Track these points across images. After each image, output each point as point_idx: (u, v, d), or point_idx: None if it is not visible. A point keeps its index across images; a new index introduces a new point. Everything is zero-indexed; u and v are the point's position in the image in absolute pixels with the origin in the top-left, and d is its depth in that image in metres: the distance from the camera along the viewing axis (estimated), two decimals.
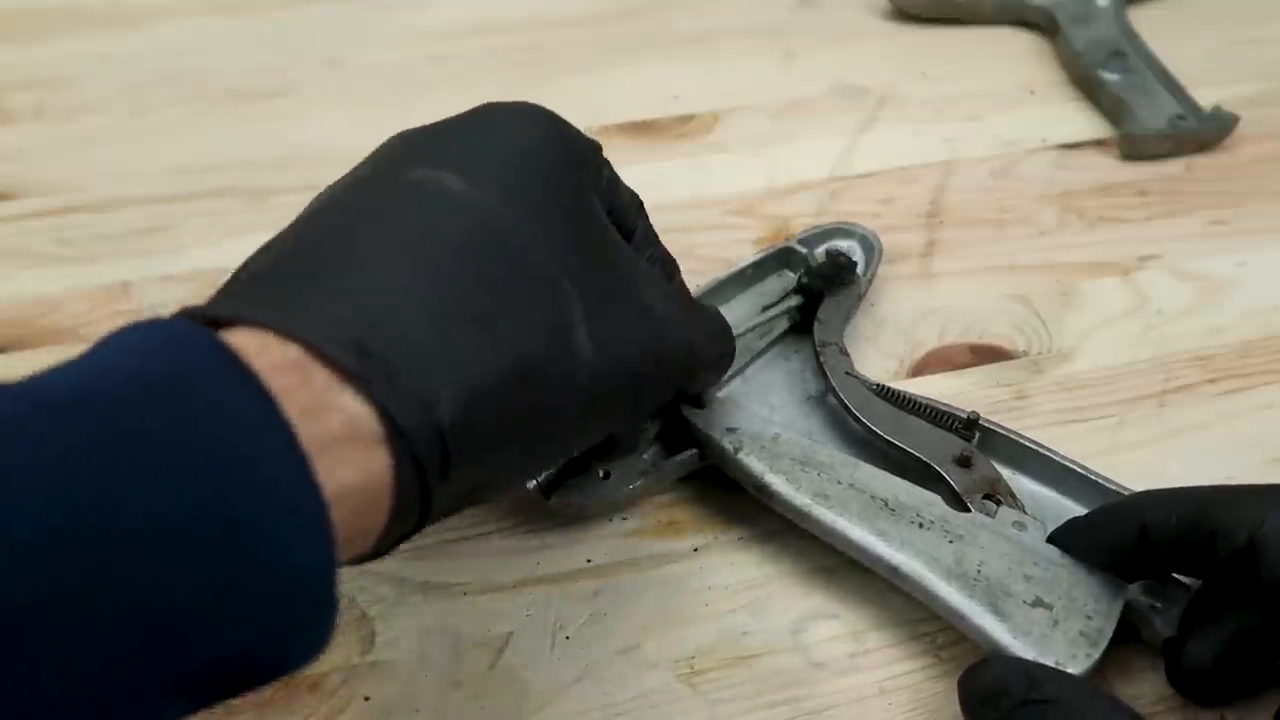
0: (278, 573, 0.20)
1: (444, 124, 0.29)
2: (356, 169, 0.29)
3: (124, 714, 0.18)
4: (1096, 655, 0.29)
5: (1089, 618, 0.30)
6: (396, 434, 0.22)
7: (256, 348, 0.21)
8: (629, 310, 0.28)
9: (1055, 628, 0.30)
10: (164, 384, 0.20)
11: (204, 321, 0.22)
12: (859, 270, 0.42)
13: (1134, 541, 0.30)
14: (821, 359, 0.38)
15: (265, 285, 0.24)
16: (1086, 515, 0.32)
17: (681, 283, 0.35)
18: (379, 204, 0.26)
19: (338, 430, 0.21)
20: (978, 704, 0.29)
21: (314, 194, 0.28)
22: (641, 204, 0.34)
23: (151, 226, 0.47)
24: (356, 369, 0.22)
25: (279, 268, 0.25)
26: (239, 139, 0.52)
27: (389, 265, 0.24)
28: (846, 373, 0.37)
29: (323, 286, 0.24)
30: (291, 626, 0.20)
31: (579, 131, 0.30)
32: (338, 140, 0.52)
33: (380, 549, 0.24)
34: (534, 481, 0.34)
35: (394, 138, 0.30)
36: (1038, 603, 0.30)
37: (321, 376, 0.22)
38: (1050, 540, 0.32)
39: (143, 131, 0.53)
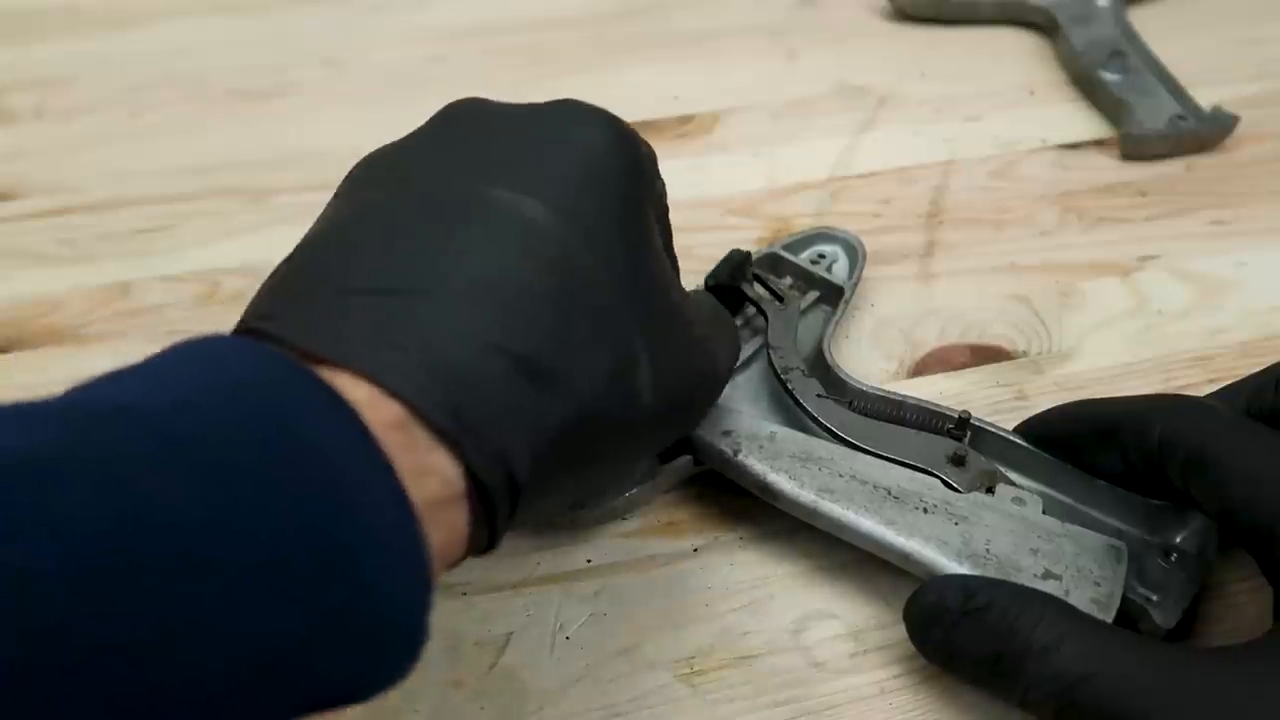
0: (380, 610, 0.20)
1: (519, 122, 0.28)
2: (420, 153, 0.27)
3: None
4: (1109, 620, 0.29)
5: (1098, 584, 0.30)
6: (480, 491, 0.23)
7: (364, 401, 0.21)
8: (684, 349, 0.29)
9: (1067, 598, 0.30)
10: (270, 433, 0.19)
11: (287, 347, 0.22)
12: (846, 277, 0.42)
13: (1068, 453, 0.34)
14: (789, 387, 0.36)
15: (345, 310, 0.23)
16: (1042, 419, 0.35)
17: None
18: (456, 222, 0.25)
19: (437, 493, 0.22)
20: (924, 628, 0.30)
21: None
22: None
23: (151, 226, 0.47)
24: (454, 432, 0.22)
25: (355, 282, 0.24)
26: (239, 139, 0.52)
27: (470, 303, 0.24)
28: (818, 395, 0.36)
29: (406, 323, 0.23)
30: (382, 664, 0.20)
31: (642, 141, 0.29)
32: (338, 140, 0.52)
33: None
34: None
35: (464, 115, 0.28)
36: (1047, 575, 0.31)
37: (423, 438, 0.22)
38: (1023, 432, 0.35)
39: (143, 131, 0.53)
